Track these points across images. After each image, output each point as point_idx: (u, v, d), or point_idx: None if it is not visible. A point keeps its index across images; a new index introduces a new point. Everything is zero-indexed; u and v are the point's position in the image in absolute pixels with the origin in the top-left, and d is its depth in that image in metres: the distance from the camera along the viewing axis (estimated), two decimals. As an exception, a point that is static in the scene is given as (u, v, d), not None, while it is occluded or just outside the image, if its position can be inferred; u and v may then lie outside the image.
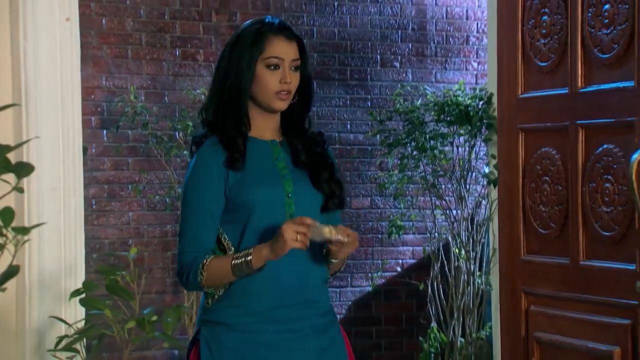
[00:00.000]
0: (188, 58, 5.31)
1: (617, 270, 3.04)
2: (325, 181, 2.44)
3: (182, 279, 2.39)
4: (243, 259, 2.31)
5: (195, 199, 2.37)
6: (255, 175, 2.40)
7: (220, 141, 2.38)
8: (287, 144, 2.46)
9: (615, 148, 3.06)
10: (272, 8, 5.48)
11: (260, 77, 2.38)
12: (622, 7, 3.01)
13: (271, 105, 2.39)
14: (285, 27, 2.42)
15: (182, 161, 5.06)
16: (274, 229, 2.30)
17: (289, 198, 2.39)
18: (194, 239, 2.35)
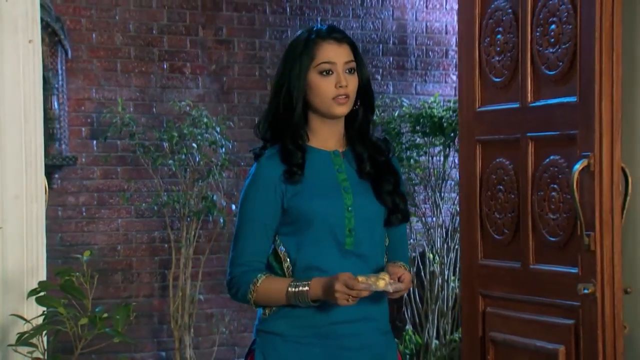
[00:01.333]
0: (175, 71, 5.53)
1: (561, 273, 3.24)
2: (388, 194, 2.38)
3: (230, 291, 2.38)
4: (299, 289, 2.28)
5: (250, 211, 2.34)
6: (315, 187, 2.35)
7: (278, 153, 2.35)
8: (352, 154, 2.41)
9: (561, 159, 3.26)
10: (257, 23, 5.71)
11: (314, 84, 2.33)
12: (567, 27, 3.21)
13: (331, 112, 2.33)
14: (335, 30, 2.38)
15: (169, 170, 5.27)
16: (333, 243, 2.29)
17: (349, 212, 2.34)
18: (245, 252, 2.33)
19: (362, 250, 2.37)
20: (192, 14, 5.55)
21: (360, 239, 2.36)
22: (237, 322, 5.61)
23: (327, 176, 2.37)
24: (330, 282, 2.24)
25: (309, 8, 5.80)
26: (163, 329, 5.42)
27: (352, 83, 2.34)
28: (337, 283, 2.22)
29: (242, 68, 5.66)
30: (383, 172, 2.40)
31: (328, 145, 2.39)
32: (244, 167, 5.64)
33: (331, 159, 2.39)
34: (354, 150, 2.40)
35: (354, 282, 2.21)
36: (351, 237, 2.35)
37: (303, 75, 2.33)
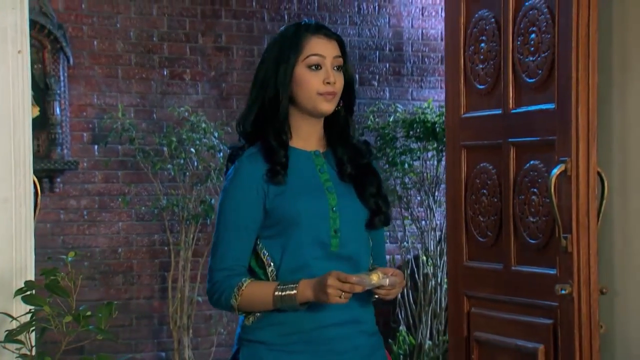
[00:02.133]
0: (175, 77, 5.65)
1: (541, 274, 3.34)
2: (371, 196, 2.31)
3: (212, 298, 2.27)
4: (287, 292, 2.19)
5: (231, 213, 2.24)
6: (298, 187, 2.26)
7: (260, 152, 2.26)
8: (332, 155, 2.34)
9: (540, 164, 3.36)
10: (256, 30, 5.83)
11: (301, 79, 2.24)
12: (546, 37, 3.32)
13: (317, 108, 2.25)
14: (323, 27, 2.31)
15: (168, 174, 5.39)
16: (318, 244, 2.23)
17: (334, 212, 2.27)
18: (227, 256, 2.23)
19: (348, 252, 2.30)
20: (191, 21, 5.67)
21: (346, 240, 2.29)
22: (236, 324, 5.71)
23: (310, 176, 2.29)
24: (321, 280, 2.16)
25: (307, 15, 5.92)
26: (163, 330, 5.54)
27: (340, 81, 2.28)
28: (329, 277, 2.14)
29: (240, 74, 5.78)
30: (365, 174, 2.33)
31: (308, 145, 2.32)
32: (243, 171, 5.75)
33: (312, 159, 2.32)
34: (334, 152, 2.33)
35: (346, 275, 2.14)
36: (337, 239, 2.28)
37: (291, 69, 2.24)
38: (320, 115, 2.28)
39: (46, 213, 5.32)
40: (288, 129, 2.28)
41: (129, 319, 5.52)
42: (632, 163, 3.27)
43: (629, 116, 3.27)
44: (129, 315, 5.51)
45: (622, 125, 3.29)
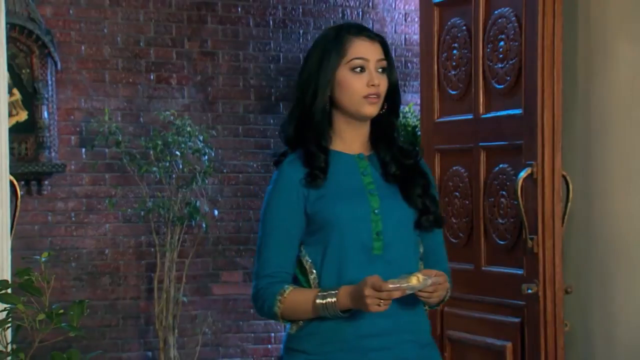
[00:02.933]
0: (162, 82, 5.76)
1: (509, 274, 3.45)
2: (418, 196, 2.25)
3: (256, 304, 2.24)
4: (327, 300, 2.14)
5: (273, 219, 2.22)
6: (338, 191, 2.22)
7: (300, 157, 2.23)
8: (377, 158, 2.28)
9: (509, 167, 3.47)
10: (241, 36, 5.93)
11: (344, 82, 2.20)
12: (514, 44, 3.43)
13: (360, 111, 2.21)
14: (366, 29, 2.26)
15: (155, 177, 5.50)
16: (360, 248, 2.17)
17: (376, 215, 2.21)
18: (270, 262, 2.20)
19: (392, 256, 2.22)
20: (178, 27, 5.78)
21: (389, 243, 2.22)
22: (222, 324, 5.82)
23: (352, 180, 2.24)
24: (358, 288, 2.10)
25: (292, 21, 6.03)
26: (149, 330, 5.64)
27: (384, 83, 2.23)
28: (365, 288, 2.07)
29: (226, 79, 5.88)
30: (411, 174, 2.27)
31: (352, 148, 2.27)
32: (227, 173, 5.86)
33: (356, 162, 2.26)
34: (379, 154, 2.28)
35: (382, 283, 2.06)
36: (379, 241, 2.21)
37: (332, 71, 2.19)
38: (364, 119, 2.24)
39: (34, 215, 5.42)
40: (329, 134, 2.24)
41: (116, 319, 5.62)
42: (596, 167, 3.38)
43: (593, 122, 3.38)
44: (115, 315, 5.61)
45: (586, 131, 3.40)
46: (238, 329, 5.87)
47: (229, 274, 5.86)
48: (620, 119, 3.28)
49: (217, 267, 5.84)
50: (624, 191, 3.26)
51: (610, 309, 3.30)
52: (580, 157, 3.42)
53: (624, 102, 3.24)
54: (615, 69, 3.26)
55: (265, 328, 5.92)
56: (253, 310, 5.85)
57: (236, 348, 5.86)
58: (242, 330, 5.87)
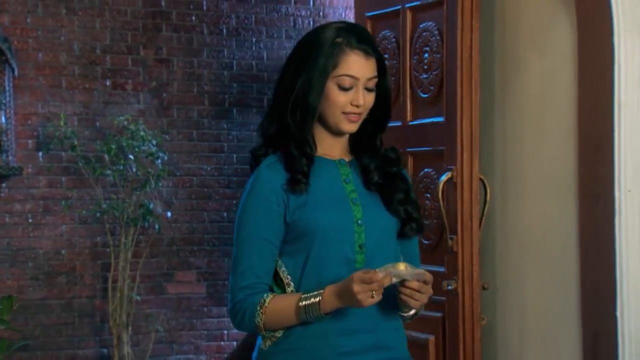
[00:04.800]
0: (117, 88, 5.95)
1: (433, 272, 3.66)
2: (400, 203, 2.15)
3: (235, 319, 2.11)
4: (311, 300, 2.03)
5: (250, 226, 2.09)
6: (321, 199, 2.09)
7: (280, 160, 2.11)
8: (357, 164, 2.18)
9: (433, 172, 3.70)
10: (195, 43, 6.13)
11: (329, 95, 2.09)
12: (436, 56, 3.66)
13: (339, 127, 2.11)
14: (364, 40, 2.11)
15: (110, 180, 5.68)
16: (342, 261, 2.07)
17: (359, 226, 2.10)
18: (248, 273, 2.07)
19: (374, 269, 2.06)
20: (133, 34, 5.97)
21: (371, 256, 2.12)
22: (175, 321, 6.02)
23: (334, 187, 2.13)
24: (345, 286, 1.99)
25: (245, 29, 6.24)
26: (104, 328, 5.82)
27: (368, 101, 2.12)
28: (354, 285, 1.97)
29: (180, 85, 6.08)
30: (394, 182, 2.17)
31: (332, 154, 2.17)
32: (182, 176, 6.06)
33: (337, 168, 2.16)
34: (360, 161, 2.18)
35: (370, 274, 1.96)
36: (362, 254, 2.11)
37: (324, 81, 2.08)
38: (341, 134, 2.15)
39: (-8, 216, 5.60)
40: (313, 140, 2.13)
41: (72, 317, 5.80)
42: (511, 171, 3.62)
43: (508, 129, 3.62)
44: (71, 313, 5.79)
45: (503, 137, 3.64)
46: (192, 326, 6.06)
47: (183, 273, 6.06)
48: (531, 126, 3.52)
49: (171, 267, 6.04)
50: (536, 194, 3.49)
51: (524, 303, 3.54)
52: (497, 162, 3.66)
53: (535, 110, 3.48)
54: (527, 79, 3.50)
55: (218, 325, 6.12)
56: (206, 308, 6.12)
57: (189, 345, 6.06)
58: (195, 327, 6.07)
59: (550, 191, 3.45)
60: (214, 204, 6.15)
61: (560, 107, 3.37)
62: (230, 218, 6.18)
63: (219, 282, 6.13)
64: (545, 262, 3.46)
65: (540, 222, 3.47)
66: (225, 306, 6.13)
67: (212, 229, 6.14)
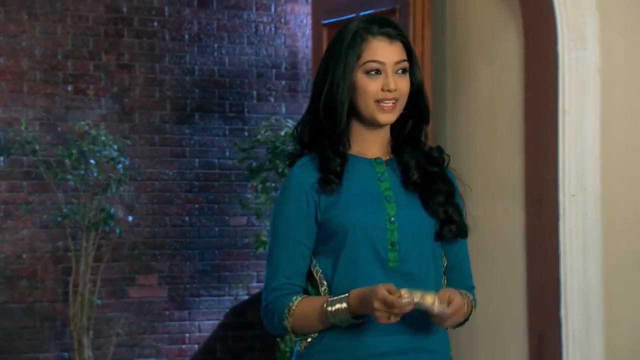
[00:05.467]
0: (79, 93, 5.99)
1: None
2: (439, 204, 2.07)
3: (266, 320, 2.08)
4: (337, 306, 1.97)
5: (282, 228, 2.06)
6: (352, 197, 2.05)
7: (313, 160, 2.06)
8: (397, 162, 2.10)
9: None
10: (157, 49, 6.19)
11: (359, 85, 2.03)
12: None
13: (375, 118, 2.04)
14: (387, 24, 2.06)
15: (72, 185, 5.72)
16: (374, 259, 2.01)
17: (391, 223, 2.03)
18: (279, 274, 2.04)
19: (409, 268, 2.04)
20: (95, 40, 6.02)
21: (406, 255, 2.04)
22: (137, 325, 6.07)
23: (367, 185, 2.07)
24: (368, 295, 1.94)
25: (206, 35, 6.30)
26: (65, 331, 5.86)
27: (403, 85, 2.05)
28: (375, 301, 1.91)
29: (142, 90, 6.13)
30: (435, 182, 2.09)
31: (369, 153, 2.10)
32: (144, 181, 6.11)
33: (373, 166, 2.09)
34: (401, 159, 2.10)
35: (393, 298, 1.90)
36: (395, 252, 2.04)
37: (348, 73, 2.02)
38: (378, 126, 2.07)
39: (-48, 221, 5.62)
40: (347, 139, 2.07)
41: (33, 321, 5.83)
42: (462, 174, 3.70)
43: (459, 133, 3.72)
44: (33, 317, 5.81)
45: (454, 142, 3.74)
46: (153, 330, 6.11)
47: (145, 277, 6.11)
48: (481, 131, 3.63)
49: (133, 270, 6.08)
50: (486, 197, 3.59)
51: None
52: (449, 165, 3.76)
53: (484, 116, 3.59)
54: (477, 87, 3.61)
55: (180, 329, 6.17)
56: (168, 311, 6.17)
57: (151, 348, 6.11)
58: (157, 331, 6.12)
59: (498, 195, 3.55)
60: (176, 208, 6.21)
61: (508, 113, 3.47)
62: (192, 222, 6.24)
63: (181, 286, 6.19)
64: (493, 263, 3.56)
65: (489, 224, 3.57)
66: (186, 310, 6.20)
67: (174, 233, 6.19)
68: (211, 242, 6.28)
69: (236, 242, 6.38)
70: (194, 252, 6.24)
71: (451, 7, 3.71)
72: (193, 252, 6.23)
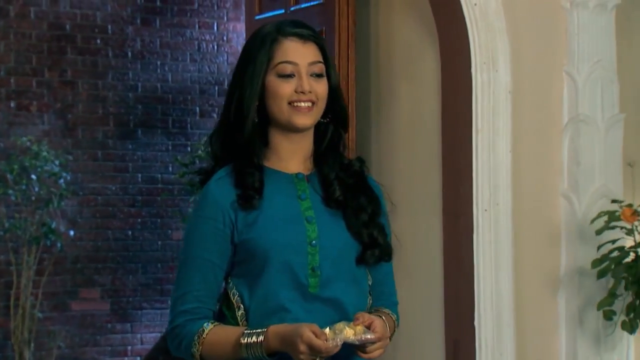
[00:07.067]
0: (22, 109, 6.07)
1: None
2: (364, 225, 1.95)
3: (172, 344, 1.94)
4: (252, 339, 1.85)
5: (195, 246, 1.93)
6: (271, 217, 1.92)
7: (230, 175, 1.93)
8: (319, 177, 1.98)
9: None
10: (100, 66, 6.29)
11: (271, 88, 1.91)
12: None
13: (291, 122, 1.91)
14: (299, 26, 1.95)
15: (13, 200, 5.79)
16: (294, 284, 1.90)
17: (312, 247, 1.92)
18: (189, 297, 1.91)
19: (330, 294, 1.93)
20: (38, 57, 6.10)
21: (327, 280, 1.93)
22: (79, 338, 6.14)
23: (288, 204, 1.94)
24: (291, 337, 1.83)
25: (149, 52, 6.42)
26: (7, 345, 5.91)
27: (319, 89, 1.93)
28: (299, 344, 1.81)
29: (85, 106, 6.23)
30: (357, 198, 1.96)
31: (289, 166, 1.97)
32: (87, 195, 6.19)
33: (293, 183, 1.96)
34: (321, 173, 1.98)
35: (320, 342, 1.80)
36: (315, 278, 1.93)
37: (258, 77, 1.91)
38: (297, 131, 1.94)
39: None
40: (260, 149, 1.95)
41: (-25, 335, 5.89)
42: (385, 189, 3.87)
43: (382, 151, 3.89)
44: (-26, 331, 5.87)
45: (378, 159, 3.90)
46: (95, 342, 6.19)
47: (87, 290, 6.19)
48: (403, 148, 3.79)
49: (75, 284, 6.16)
50: (407, 212, 3.75)
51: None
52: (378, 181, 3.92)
53: (406, 134, 3.76)
54: (399, 106, 3.78)
55: (122, 341, 6.26)
56: (110, 324, 6.25)
57: (93, 361, 6.19)
58: (99, 344, 6.20)
59: (418, 209, 3.71)
60: (119, 222, 6.30)
61: (427, 131, 3.64)
62: (135, 236, 6.34)
63: (123, 299, 6.27)
64: (414, 274, 3.72)
65: (410, 238, 3.73)
66: (129, 322, 6.29)
67: (116, 246, 6.28)
68: (154, 255, 6.38)
69: (178, 255, 6.48)
70: (136, 265, 6.33)
71: (375, 28, 3.88)
72: (136, 266, 6.33)
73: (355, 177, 2.00)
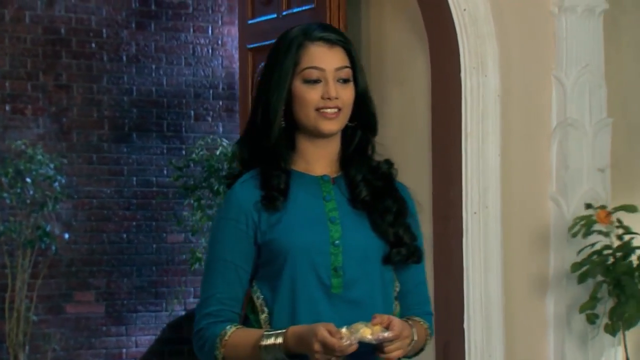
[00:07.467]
0: (17, 113, 6.10)
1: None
2: (389, 225, 1.93)
3: (196, 345, 1.94)
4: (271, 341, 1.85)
5: (217, 250, 1.94)
6: (295, 218, 1.92)
7: (255, 177, 1.93)
8: (345, 179, 1.97)
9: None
10: (95, 70, 6.32)
11: (297, 94, 1.91)
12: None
13: (318, 127, 1.92)
14: (327, 29, 1.95)
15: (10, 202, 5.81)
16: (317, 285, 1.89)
17: (335, 247, 1.91)
18: (212, 299, 1.92)
19: (354, 295, 1.92)
20: (33, 61, 6.13)
21: (351, 281, 1.92)
22: (74, 340, 6.16)
23: (312, 205, 1.94)
24: (307, 336, 1.82)
25: (144, 56, 6.45)
26: (2, 347, 5.93)
27: (345, 95, 1.93)
28: (314, 343, 1.80)
29: (80, 110, 6.26)
30: (383, 198, 1.96)
31: (316, 169, 1.97)
32: (82, 199, 6.22)
33: (319, 185, 1.96)
34: (348, 175, 1.97)
35: (334, 340, 1.78)
36: (339, 278, 1.92)
37: (284, 82, 1.91)
38: (323, 136, 1.95)
39: None
40: (287, 153, 1.94)
41: (-30, 337, 5.91)
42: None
43: (373, 155, 3.92)
44: (-31, 333, 5.90)
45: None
46: (90, 345, 6.21)
47: (82, 293, 6.21)
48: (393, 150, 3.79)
49: (70, 287, 6.18)
50: (398, 215, 3.79)
51: (387, 317, 3.82)
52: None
53: (396, 136, 3.79)
54: (390, 110, 3.81)
55: (117, 344, 6.28)
56: (105, 327, 6.27)
57: (88, 364, 6.21)
58: (94, 346, 6.22)
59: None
60: (114, 225, 6.32)
61: (417, 135, 3.67)
62: (130, 239, 6.37)
63: (118, 302, 6.30)
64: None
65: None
66: (124, 325, 6.31)
67: (111, 249, 6.31)
68: (148, 258, 6.41)
69: (173, 258, 6.51)
70: (131, 268, 6.36)
71: (365, 33, 3.91)
72: (130, 269, 6.36)
73: (383, 180, 2.00)
